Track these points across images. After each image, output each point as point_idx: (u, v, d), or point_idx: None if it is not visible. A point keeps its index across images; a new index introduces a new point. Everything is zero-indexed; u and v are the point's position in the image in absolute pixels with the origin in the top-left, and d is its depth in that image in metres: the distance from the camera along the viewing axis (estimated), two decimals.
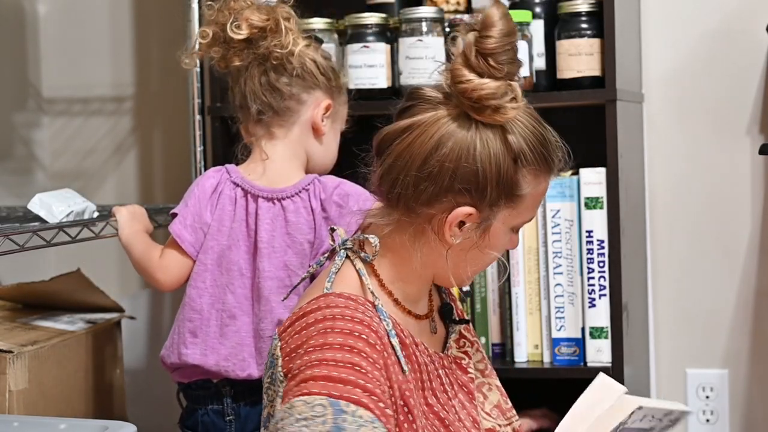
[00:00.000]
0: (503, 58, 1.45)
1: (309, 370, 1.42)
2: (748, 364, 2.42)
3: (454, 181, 1.46)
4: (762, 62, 2.36)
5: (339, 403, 1.39)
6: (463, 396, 1.59)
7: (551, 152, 1.52)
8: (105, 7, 2.79)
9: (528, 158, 1.48)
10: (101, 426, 1.74)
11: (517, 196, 1.49)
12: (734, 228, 2.40)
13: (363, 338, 1.43)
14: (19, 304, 2.33)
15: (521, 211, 1.52)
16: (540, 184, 1.52)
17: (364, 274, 1.53)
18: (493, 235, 1.51)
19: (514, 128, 1.48)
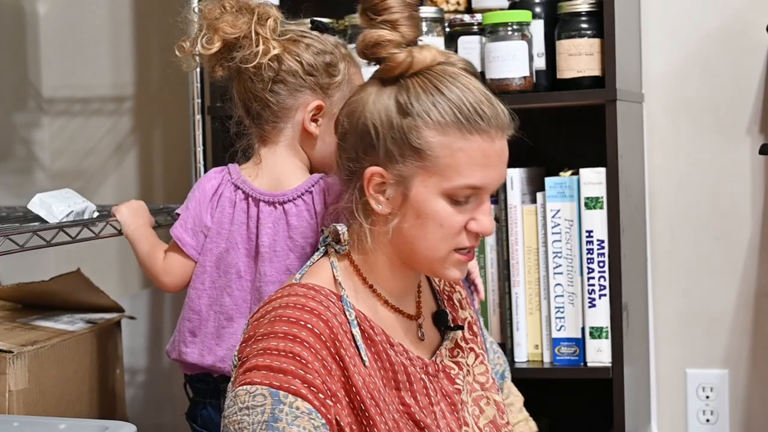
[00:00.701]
0: (395, 15, 1.51)
1: (254, 359, 1.44)
2: (748, 364, 2.42)
3: (357, 141, 1.50)
4: (762, 62, 2.36)
5: (278, 394, 1.41)
6: (445, 406, 1.56)
7: (466, 109, 1.47)
8: (105, 7, 2.80)
9: (428, 114, 1.46)
10: (101, 426, 1.74)
11: (426, 155, 1.46)
12: (734, 228, 2.40)
13: (308, 327, 1.44)
14: (19, 304, 2.33)
15: (448, 175, 1.47)
16: (460, 144, 1.46)
17: (335, 266, 1.54)
18: (420, 201, 1.48)
19: (413, 84, 1.49)
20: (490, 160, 1.48)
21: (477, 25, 2.18)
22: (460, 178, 1.47)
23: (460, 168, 1.47)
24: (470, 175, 1.47)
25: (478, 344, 1.68)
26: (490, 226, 1.51)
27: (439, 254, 1.51)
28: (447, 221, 1.49)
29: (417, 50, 1.50)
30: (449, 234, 1.49)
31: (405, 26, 1.52)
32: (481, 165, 1.48)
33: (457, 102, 1.47)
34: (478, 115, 1.47)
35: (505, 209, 2.20)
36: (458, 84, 1.49)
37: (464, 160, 1.47)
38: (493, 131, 1.48)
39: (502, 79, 2.13)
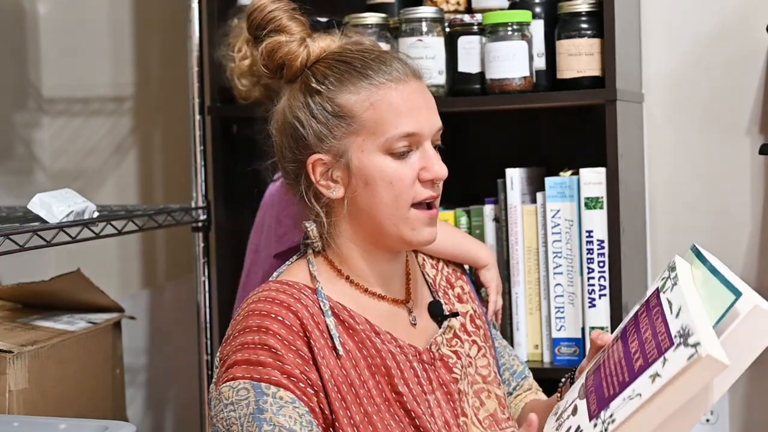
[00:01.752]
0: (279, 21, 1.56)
1: (233, 355, 1.46)
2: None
3: (289, 141, 1.55)
4: (762, 62, 2.36)
5: (260, 386, 1.43)
6: (441, 395, 1.57)
7: (369, 63, 1.52)
8: (105, 7, 2.80)
9: (336, 81, 1.51)
10: (101, 426, 1.74)
11: (350, 117, 1.50)
12: (734, 228, 2.40)
13: (279, 320, 1.47)
14: (19, 304, 2.33)
15: (378, 129, 1.49)
16: (376, 95, 1.50)
17: (312, 262, 1.56)
18: (364, 167, 1.50)
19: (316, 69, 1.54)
20: (413, 104, 1.51)
21: (477, 25, 2.18)
22: (391, 128, 1.50)
23: (386, 119, 1.50)
24: (399, 123, 1.50)
25: (481, 337, 1.68)
26: (441, 170, 1.52)
27: (400, 214, 1.51)
28: (395, 176, 1.50)
29: (311, 40, 1.56)
30: (402, 189, 1.51)
31: (292, 26, 1.57)
32: (407, 110, 1.50)
33: (359, 61, 1.52)
34: (382, 63, 1.52)
35: (505, 209, 2.20)
36: (358, 49, 1.55)
37: (387, 109, 1.50)
38: (402, 76, 1.52)
39: (502, 79, 2.13)
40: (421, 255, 1.72)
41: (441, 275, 1.72)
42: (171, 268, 2.78)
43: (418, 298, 1.64)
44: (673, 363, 1.27)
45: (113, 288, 2.54)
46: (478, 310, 1.72)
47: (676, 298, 1.38)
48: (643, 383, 1.30)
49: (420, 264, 1.70)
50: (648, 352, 1.34)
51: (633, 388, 1.32)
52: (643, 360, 1.33)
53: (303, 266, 1.57)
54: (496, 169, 2.22)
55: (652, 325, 1.37)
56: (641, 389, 1.30)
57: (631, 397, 1.30)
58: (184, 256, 2.65)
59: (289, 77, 1.57)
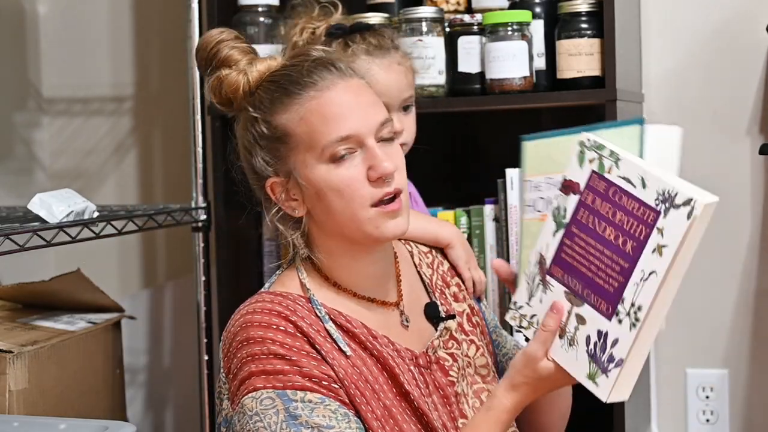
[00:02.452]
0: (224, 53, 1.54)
1: (246, 367, 1.45)
2: (748, 364, 2.42)
3: (251, 174, 1.55)
4: (762, 62, 2.36)
5: (286, 393, 1.42)
6: (438, 398, 1.56)
7: (287, 78, 1.50)
8: (105, 7, 2.80)
9: (267, 105, 1.50)
10: (101, 426, 1.74)
11: (287, 137, 1.49)
12: (734, 228, 2.40)
13: (281, 329, 1.46)
14: (19, 304, 2.33)
15: (313, 141, 1.48)
16: (302, 110, 1.48)
17: (301, 270, 1.56)
18: (311, 181, 1.49)
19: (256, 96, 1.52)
20: (341, 107, 1.49)
21: (477, 25, 2.18)
22: (324, 137, 1.47)
23: (317, 129, 1.48)
24: (331, 130, 1.48)
25: (479, 335, 1.67)
26: (388, 166, 1.48)
27: (361, 216, 1.49)
28: (342, 183, 1.48)
29: (249, 67, 1.54)
30: (352, 195, 1.48)
31: (234, 55, 1.54)
32: (336, 115, 1.48)
33: (285, 78, 1.51)
34: (307, 75, 1.50)
35: (505, 209, 2.19)
36: (288, 65, 1.53)
37: (316, 119, 1.48)
38: (328, 83, 1.49)
39: (502, 79, 2.13)
40: (416, 256, 1.70)
41: (437, 274, 1.71)
42: (171, 268, 2.78)
43: (414, 299, 1.63)
44: (674, 228, 1.28)
45: (113, 288, 2.54)
46: (474, 306, 1.71)
47: (629, 171, 1.35)
48: (650, 260, 1.29)
49: (416, 264, 1.69)
50: (634, 231, 1.32)
51: (641, 269, 1.30)
52: (634, 240, 1.31)
53: (293, 275, 1.56)
54: (496, 169, 2.22)
55: (619, 206, 1.35)
56: (651, 266, 1.29)
57: (645, 279, 1.29)
58: (184, 256, 2.65)
59: (238, 108, 1.55)
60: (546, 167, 1.49)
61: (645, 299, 1.29)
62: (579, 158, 1.41)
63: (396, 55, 1.90)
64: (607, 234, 1.35)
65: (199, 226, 2.40)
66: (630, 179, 1.34)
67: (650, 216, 1.30)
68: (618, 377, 1.34)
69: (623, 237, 1.33)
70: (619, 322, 1.31)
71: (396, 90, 1.87)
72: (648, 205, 1.31)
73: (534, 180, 1.50)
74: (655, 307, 1.29)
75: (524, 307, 1.46)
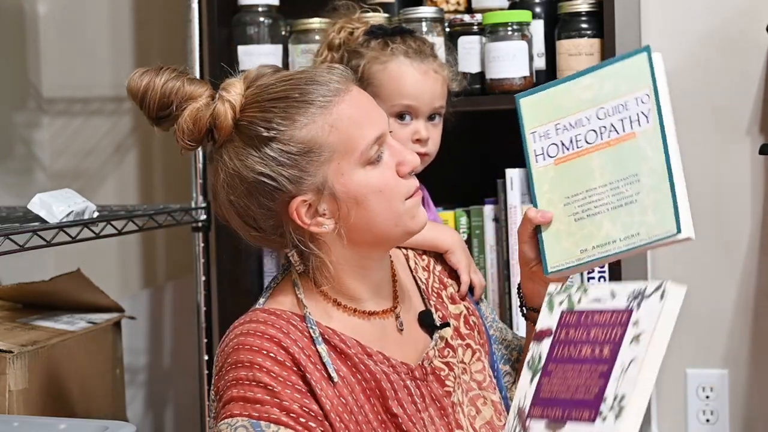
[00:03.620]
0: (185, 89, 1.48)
1: (229, 391, 1.44)
2: (748, 364, 2.42)
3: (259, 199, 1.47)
4: (762, 62, 2.36)
5: (260, 424, 1.41)
6: (434, 411, 1.54)
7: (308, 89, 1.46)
8: (105, 7, 2.80)
9: (283, 121, 1.44)
10: (101, 426, 1.74)
11: (316, 148, 1.45)
12: (734, 228, 2.40)
13: (270, 356, 1.44)
14: (19, 304, 2.33)
15: (349, 147, 1.45)
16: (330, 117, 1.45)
17: (297, 284, 1.53)
18: (350, 188, 1.46)
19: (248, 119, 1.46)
20: (366, 107, 1.49)
21: (477, 25, 2.18)
22: (360, 140, 1.46)
23: (352, 133, 1.46)
24: (364, 132, 1.46)
25: (476, 338, 1.66)
26: (414, 158, 1.50)
27: (398, 213, 1.49)
28: (381, 183, 1.47)
29: (225, 93, 1.48)
30: (391, 192, 1.48)
31: (195, 88, 1.48)
32: (364, 116, 1.47)
33: (293, 91, 1.46)
34: (317, 83, 1.47)
35: (505, 209, 2.19)
36: (278, 81, 1.48)
37: (348, 124, 1.46)
38: (341, 86, 1.48)
39: (502, 79, 2.13)
40: (412, 260, 1.69)
41: (433, 276, 1.69)
42: (171, 268, 2.78)
43: (408, 304, 1.61)
44: (648, 314, 1.30)
45: (113, 288, 2.54)
46: (471, 306, 1.70)
47: (599, 292, 1.37)
48: (628, 352, 1.30)
49: (412, 269, 1.67)
50: (610, 337, 1.33)
51: (621, 363, 1.30)
52: (611, 344, 1.32)
53: (289, 290, 1.53)
54: (496, 169, 2.22)
55: (593, 325, 1.36)
56: (631, 356, 1.29)
57: (625, 370, 1.29)
58: (184, 256, 2.65)
59: (224, 138, 1.47)
60: (552, 115, 1.52)
61: (628, 387, 1.28)
62: (548, 306, 1.43)
63: (434, 63, 1.90)
64: (583, 353, 1.36)
65: (199, 226, 2.40)
66: (599, 298, 1.37)
67: (623, 317, 1.32)
68: None
69: (600, 347, 1.34)
70: (603, 419, 1.29)
71: (429, 96, 1.87)
72: (620, 310, 1.33)
73: (540, 130, 1.53)
74: (638, 392, 1.28)
75: None
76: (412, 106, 1.87)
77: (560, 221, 1.51)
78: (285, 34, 2.28)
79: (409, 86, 1.86)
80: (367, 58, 1.88)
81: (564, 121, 1.51)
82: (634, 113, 1.46)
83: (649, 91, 1.46)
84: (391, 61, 1.87)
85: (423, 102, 1.86)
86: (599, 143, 1.48)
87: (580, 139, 1.49)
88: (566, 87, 1.52)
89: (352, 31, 1.95)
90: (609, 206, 1.47)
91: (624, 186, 1.46)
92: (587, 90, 1.50)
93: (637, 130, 1.46)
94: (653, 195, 1.43)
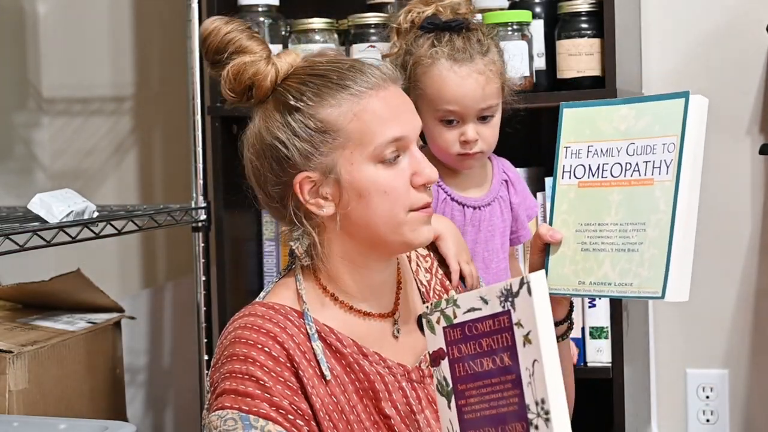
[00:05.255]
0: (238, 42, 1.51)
1: (222, 383, 1.44)
2: (748, 364, 2.42)
3: (271, 164, 1.49)
4: (762, 62, 2.36)
5: (248, 418, 1.41)
6: (431, 413, 1.53)
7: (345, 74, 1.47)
8: (105, 7, 2.80)
9: (314, 96, 1.47)
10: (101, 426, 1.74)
11: (335, 131, 1.46)
12: (734, 228, 2.40)
13: (265, 351, 1.44)
14: (19, 304, 2.33)
15: (365, 139, 1.45)
16: (358, 106, 1.46)
17: (299, 279, 1.53)
18: (355, 180, 1.46)
19: (288, 86, 1.49)
20: (395, 108, 1.48)
21: None
22: (378, 136, 1.46)
23: (372, 127, 1.46)
24: (385, 130, 1.46)
25: None
26: (432, 173, 1.49)
27: (398, 220, 1.47)
28: (389, 185, 1.46)
29: (277, 58, 1.52)
30: (397, 198, 1.47)
31: (253, 45, 1.52)
32: (390, 116, 1.47)
33: (334, 72, 1.48)
34: (359, 72, 1.48)
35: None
36: (328, 61, 1.51)
37: (371, 117, 1.46)
38: (381, 82, 1.48)
39: None
40: (414, 261, 1.68)
41: (435, 279, 1.68)
42: (171, 268, 2.78)
43: (409, 309, 1.60)
44: (525, 311, 1.29)
45: (113, 288, 2.54)
46: None
47: (470, 301, 1.36)
48: (526, 354, 1.29)
49: (414, 270, 1.67)
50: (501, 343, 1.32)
51: (525, 368, 1.30)
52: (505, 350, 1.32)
53: (291, 285, 1.54)
54: None
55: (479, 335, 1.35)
56: (531, 358, 1.29)
57: (532, 373, 1.29)
58: (184, 256, 2.65)
59: (260, 98, 1.51)
60: (589, 135, 1.49)
61: (542, 390, 1.28)
62: (429, 328, 1.42)
63: (480, 62, 1.84)
64: (485, 366, 1.35)
65: (199, 226, 2.40)
66: (474, 307, 1.36)
67: (504, 320, 1.32)
68: None
69: (498, 356, 1.34)
70: (536, 428, 1.29)
71: (470, 100, 1.82)
72: (498, 313, 1.32)
73: (573, 147, 1.50)
74: (551, 391, 1.28)
75: None
76: (455, 111, 1.83)
77: (568, 246, 1.48)
78: (285, 34, 2.28)
79: (450, 92, 1.82)
80: (414, 59, 1.85)
81: (597, 146, 1.47)
82: (658, 159, 1.42)
83: (676, 141, 1.42)
84: (433, 66, 1.82)
85: (465, 106, 1.82)
86: (621, 179, 1.44)
87: (607, 170, 1.46)
88: (609, 110, 1.48)
89: (418, 14, 1.87)
90: (614, 247, 1.43)
91: (631, 231, 1.42)
92: (624, 120, 1.47)
93: (656, 177, 1.42)
94: (652, 250, 1.39)
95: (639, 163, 1.42)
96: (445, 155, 1.86)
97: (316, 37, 2.22)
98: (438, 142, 1.85)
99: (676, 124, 1.40)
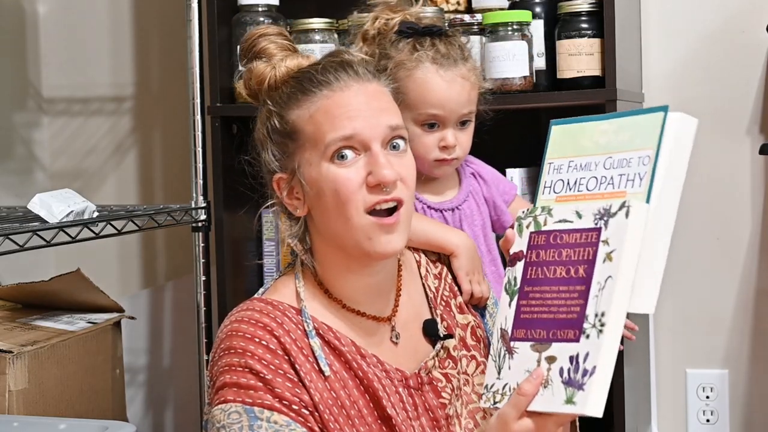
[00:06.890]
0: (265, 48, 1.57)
1: (222, 377, 1.45)
2: (748, 364, 2.42)
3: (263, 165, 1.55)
4: (762, 62, 2.36)
5: (253, 410, 1.42)
6: (426, 421, 1.52)
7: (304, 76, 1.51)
8: (105, 7, 2.80)
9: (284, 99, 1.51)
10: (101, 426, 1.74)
11: (297, 133, 1.49)
12: (734, 228, 2.40)
13: (263, 344, 1.45)
14: (19, 304, 2.33)
15: (318, 138, 1.47)
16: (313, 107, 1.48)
17: (299, 277, 1.54)
18: (313, 179, 1.48)
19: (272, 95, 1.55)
20: (350, 108, 1.48)
21: (477, 25, 2.18)
22: (328, 135, 1.47)
23: (323, 127, 1.47)
24: (334, 128, 1.47)
25: (481, 351, 1.63)
26: (388, 174, 1.45)
27: (355, 222, 1.46)
28: (339, 182, 1.46)
29: (279, 61, 1.55)
30: (347, 195, 1.45)
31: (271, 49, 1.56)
32: (342, 115, 1.47)
33: (306, 76, 1.51)
34: (324, 74, 1.50)
35: None
36: (312, 64, 1.54)
37: (323, 117, 1.48)
38: (336, 82, 1.49)
39: (502, 79, 2.13)
40: (423, 267, 1.66)
41: (444, 284, 1.66)
42: (171, 268, 2.78)
43: (414, 314, 1.59)
44: (617, 232, 1.32)
45: (113, 288, 2.54)
46: (478, 319, 1.67)
47: (564, 212, 1.40)
48: (603, 270, 1.32)
49: (422, 276, 1.65)
50: (582, 256, 1.35)
51: (597, 282, 1.32)
52: (584, 263, 1.35)
53: (290, 282, 1.54)
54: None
55: (563, 245, 1.39)
56: (606, 274, 1.32)
57: (602, 288, 1.32)
58: (184, 256, 2.65)
59: (261, 101, 1.56)
60: (569, 150, 1.49)
61: (606, 304, 1.31)
62: (518, 230, 1.45)
63: (463, 67, 1.83)
64: (558, 274, 1.38)
65: (199, 226, 2.40)
66: (566, 218, 1.39)
67: (593, 236, 1.35)
68: (593, 385, 1.33)
69: (574, 267, 1.36)
70: (587, 337, 1.33)
71: (455, 104, 1.81)
72: (588, 229, 1.36)
73: (556, 162, 1.51)
74: (615, 307, 1.31)
75: (495, 383, 1.44)
76: (438, 115, 1.81)
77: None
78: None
79: (434, 96, 1.80)
80: (394, 62, 1.82)
81: (578, 161, 1.47)
82: (633, 172, 1.41)
83: (652, 154, 1.41)
84: (416, 69, 1.80)
85: (449, 110, 1.81)
86: (595, 192, 1.43)
87: (583, 183, 1.45)
88: (592, 126, 1.48)
89: (387, 21, 1.85)
90: None
91: None
92: (604, 135, 1.46)
93: (629, 190, 1.40)
94: None
95: (614, 176, 1.43)
96: (422, 161, 1.80)
97: (316, 37, 2.22)
98: (415, 147, 1.78)
99: (653, 138, 1.40)
